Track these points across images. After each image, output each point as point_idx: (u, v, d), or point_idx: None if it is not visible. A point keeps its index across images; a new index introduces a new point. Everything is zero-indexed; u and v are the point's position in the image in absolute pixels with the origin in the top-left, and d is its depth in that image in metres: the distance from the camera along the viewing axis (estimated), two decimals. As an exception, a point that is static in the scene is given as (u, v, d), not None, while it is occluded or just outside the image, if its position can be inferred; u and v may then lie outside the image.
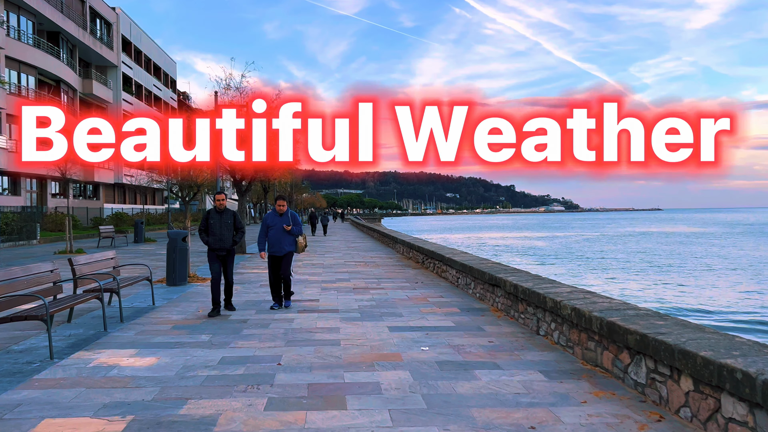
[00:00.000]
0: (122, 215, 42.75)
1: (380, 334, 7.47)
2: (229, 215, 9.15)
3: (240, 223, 9.30)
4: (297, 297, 10.73)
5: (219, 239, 8.99)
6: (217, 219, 9.04)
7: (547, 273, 25.12)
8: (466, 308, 9.44)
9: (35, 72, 36.81)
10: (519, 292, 8.07)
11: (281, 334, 7.48)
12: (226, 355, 6.43)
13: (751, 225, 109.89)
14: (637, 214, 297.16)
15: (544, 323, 7.33)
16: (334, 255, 21.54)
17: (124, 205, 52.31)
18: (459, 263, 11.70)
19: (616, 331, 5.40)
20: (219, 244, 8.99)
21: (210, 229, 9.03)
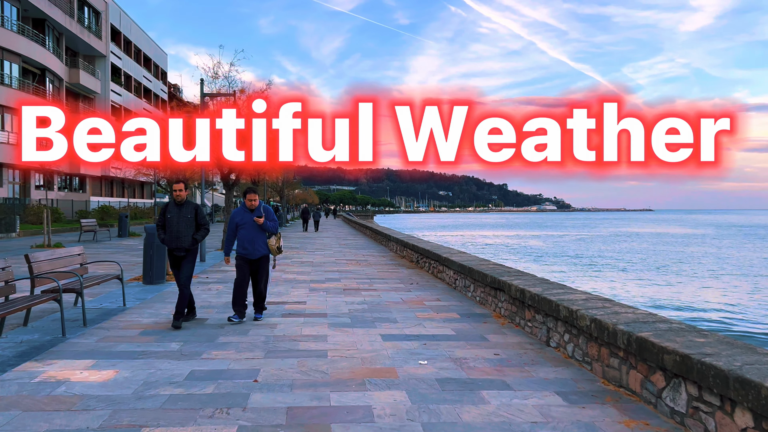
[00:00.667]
0: (108, 208, 41.70)
1: (372, 344, 6.67)
2: (190, 209, 7.83)
3: (203, 219, 7.89)
4: (283, 299, 9.91)
5: (176, 237, 7.68)
6: (175, 213, 7.75)
7: (546, 273, 24.42)
8: (466, 314, 8.66)
9: (19, 60, 35.69)
10: (526, 297, 7.30)
11: (261, 343, 6.67)
12: (196, 368, 5.61)
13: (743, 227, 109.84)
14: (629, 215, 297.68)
15: (555, 334, 6.56)
16: (324, 252, 20.72)
17: (111, 198, 51.22)
18: (457, 264, 10.92)
19: (647, 349, 4.63)
20: (175, 242, 7.68)
21: (167, 225, 7.77)
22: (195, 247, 7.84)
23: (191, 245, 7.78)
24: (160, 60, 65.86)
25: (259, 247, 8.04)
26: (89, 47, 45.91)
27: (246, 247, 8.03)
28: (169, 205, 7.92)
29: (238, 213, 8.13)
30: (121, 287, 9.35)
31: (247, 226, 8.03)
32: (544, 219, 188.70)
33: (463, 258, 11.63)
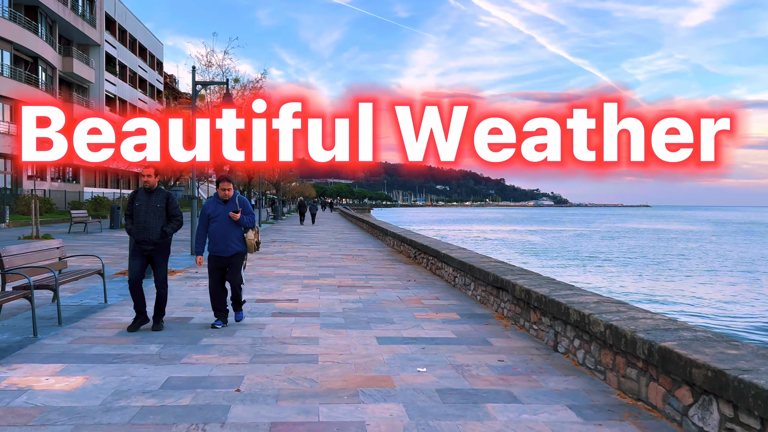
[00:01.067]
0: (101, 200, 41.11)
1: (367, 348, 6.20)
2: (161, 197, 6.96)
3: (175, 210, 7.01)
4: (274, 296, 9.44)
5: (143, 228, 6.84)
6: (143, 201, 6.91)
7: (546, 268, 23.98)
8: (467, 314, 8.19)
9: (11, 47, 35.03)
10: (532, 299, 6.83)
11: (247, 346, 6.19)
12: (174, 374, 5.13)
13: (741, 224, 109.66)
14: (627, 210, 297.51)
15: (564, 338, 6.09)
16: (320, 247, 20.25)
17: (105, 190, 50.61)
18: (457, 261, 10.45)
19: (672, 361, 4.16)
20: (143, 234, 6.84)
21: (134, 214, 6.94)
22: (166, 241, 7.01)
23: (160, 238, 6.91)
24: (156, 50, 65.11)
25: (233, 243, 7.14)
26: (83, 36, 45.22)
27: (218, 243, 7.13)
28: (138, 192, 7.09)
29: (209, 204, 7.24)
30: (103, 283, 8.82)
31: (219, 219, 7.13)
32: (542, 214, 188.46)
33: (463, 254, 11.16)
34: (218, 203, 7.19)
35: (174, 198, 7.15)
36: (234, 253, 7.19)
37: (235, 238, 7.17)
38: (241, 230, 7.24)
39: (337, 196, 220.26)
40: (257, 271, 12.69)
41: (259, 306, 8.51)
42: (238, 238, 7.20)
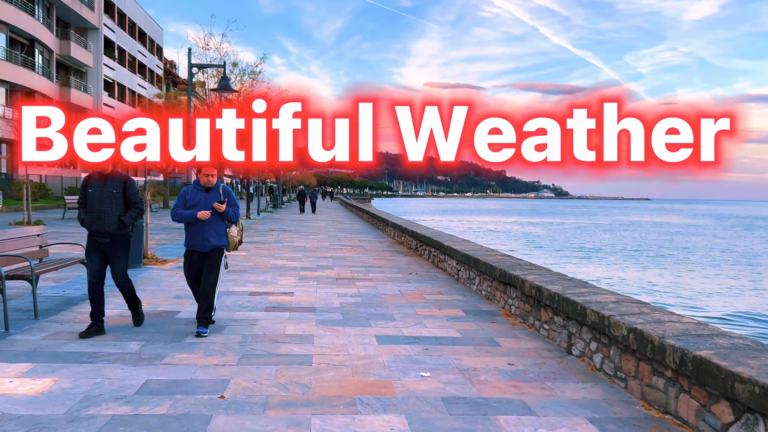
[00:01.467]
0: (99, 186, 40.54)
1: (366, 348, 5.73)
2: (117, 183, 6.07)
3: (134, 196, 6.16)
4: (269, 288, 8.96)
5: (97, 217, 5.99)
6: (97, 187, 6.03)
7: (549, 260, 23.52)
8: (472, 311, 7.72)
9: (6, 29, 34.39)
10: (544, 296, 6.35)
11: (236, 344, 5.72)
12: (153, 377, 4.66)
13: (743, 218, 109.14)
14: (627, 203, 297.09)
15: (579, 341, 5.62)
16: (319, 237, 19.77)
17: (103, 176, 50.03)
18: (461, 254, 9.97)
19: (709, 373, 3.69)
20: (97, 225, 5.99)
21: (87, 202, 6.10)
22: (124, 232, 6.12)
23: (117, 229, 6.03)
24: (156, 35, 64.34)
25: (213, 237, 6.24)
26: (81, 18, 44.52)
27: (194, 236, 6.24)
28: (91, 177, 6.19)
29: (188, 191, 6.35)
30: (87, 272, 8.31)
31: (199, 209, 6.18)
32: (543, 206, 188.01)
33: (467, 247, 10.68)
34: (198, 191, 6.31)
35: (133, 183, 6.29)
36: (212, 248, 6.27)
37: (215, 232, 6.26)
38: (224, 223, 6.36)
39: (337, 186, 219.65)
40: (252, 261, 12.22)
41: (252, 299, 8.04)
42: (219, 231, 6.29)
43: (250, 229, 22.41)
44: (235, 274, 10.25)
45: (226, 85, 15.11)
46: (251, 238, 18.24)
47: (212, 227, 6.26)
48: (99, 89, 48.15)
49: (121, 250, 6.17)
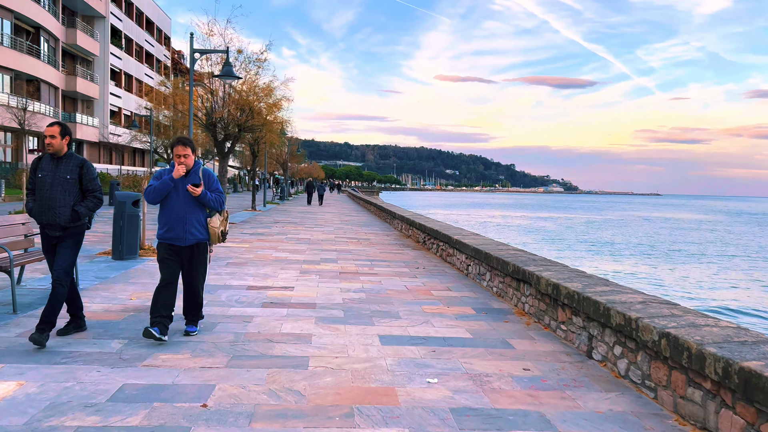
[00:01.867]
0: (103, 176, 40.29)
1: (368, 349, 5.27)
2: (72, 165, 5.17)
3: (92, 183, 5.27)
4: (268, 282, 8.51)
5: (47, 207, 5.12)
6: (49, 171, 5.15)
7: (564, 257, 22.98)
8: (482, 308, 7.24)
9: (11, 16, 34.02)
10: (561, 295, 5.86)
11: (227, 344, 5.27)
12: (131, 381, 4.21)
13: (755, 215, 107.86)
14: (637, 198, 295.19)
15: (601, 344, 5.13)
16: (324, 229, 19.32)
17: (109, 166, 49.82)
18: (471, 248, 9.47)
19: (760, 388, 3.20)
20: (46, 216, 5.13)
21: (36, 188, 5.23)
22: (78, 225, 5.25)
23: (70, 221, 5.15)
24: (164, 24, 63.92)
25: (194, 228, 5.43)
26: (88, 6, 44.13)
27: (173, 228, 5.40)
28: (42, 159, 5.30)
29: (164, 174, 5.51)
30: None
31: (175, 194, 5.39)
32: (552, 200, 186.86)
33: (478, 241, 10.18)
34: (177, 165, 5.45)
35: (91, 167, 5.35)
36: (194, 242, 5.46)
37: (197, 223, 5.46)
38: (205, 213, 5.55)
39: (345, 179, 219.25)
40: (254, 254, 11.78)
41: (249, 294, 7.59)
42: (200, 223, 5.49)
43: (254, 220, 22.00)
44: (234, 267, 9.81)
45: (229, 71, 14.62)
46: (255, 229, 17.81)
47: (193, 218, 5.44)
48: (105, 78, 47.80)
49: (71, 242, 5.23)
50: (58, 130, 5.18)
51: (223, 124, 18.81)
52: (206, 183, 5.50)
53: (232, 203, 34.90)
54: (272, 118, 21.81)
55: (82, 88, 43.85)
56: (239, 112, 18.90)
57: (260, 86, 18.95)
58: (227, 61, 14.67)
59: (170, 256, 5.40)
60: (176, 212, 5.40)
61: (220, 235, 5.61)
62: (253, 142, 26.52)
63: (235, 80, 15.96)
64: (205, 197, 5.43)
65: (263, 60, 18.58)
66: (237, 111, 18.96)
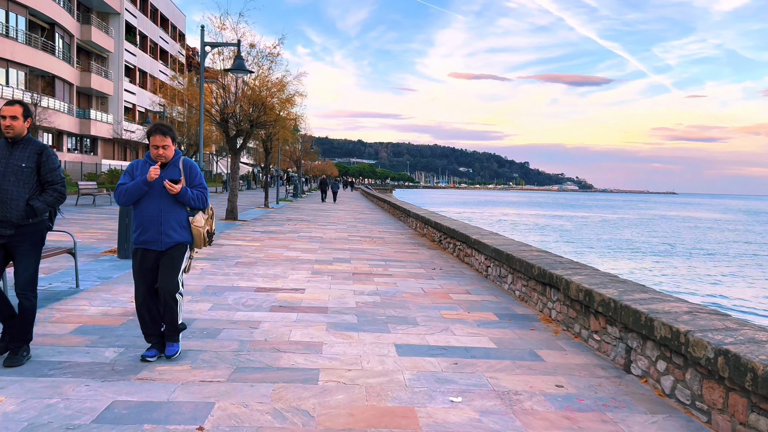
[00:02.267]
0: (118, 172, 40.21)
1: (383, 360, 4.82)
2: (30, 151, 4.42)
3: (52, 174, 4.51)
4: (278, 284, 8.09)
5: None
6: (2, 158, 4.37)
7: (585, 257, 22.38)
8: (505, 314, 6.77)
9: (26, 12, 33.95)
10: (595, 302, 5.37)
11: (231, 353, 4.84)
12: (121, 397, 3.80)
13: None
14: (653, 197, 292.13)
15: (641, 358, 4.65)
16: (337, 227, 18.90)
17: (124, 162, 49.79)
18: (491, 248, 8.99)
19: None
20: None
21: None
22: (35, 223, 4.48)
23: (25, 218, 4.37)
24: (179, 21, 63.85)
25: (171, 229, 4.63)
26: (103, 3, 44.04)
27: (147, 229, 4.61)
28: None
29: (137, 167, 4.72)
30: (75, 264, 7.51)
31: (152, 192, 4.61)
32: (567, 198, 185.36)
33: (498, 241, 9.69)
34: (151, 166, 4.64)
35: (52, 154, 4.57)
36: (172, 245, 4.66)
37: (175, 223, 4.66)
38: (185, 212, 4.74)
39: (359, 176, 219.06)
40: (264, 253, 11.37)
41: (257, 297, 7.17)
42: (180, 223, 4.69)
43: (267, 218, 21.64)
44: (243, 267, 9.41)
45: (240, 65, 14.24)
46: (267, 227, 17.43)
47: (171, 217, 4.63)
48: (120, 75, 47.74)
49: (29, 246, 4.44)
50: (21, 111, 4.43)
51: (235, 119, 18.44)
52: (187, 177, 4.73)
53: (245, 200, 34.62)
54: (285, 114, 21.41)
55: (97, 84, 43.78)
56: (251, 107, 18.52)
57: (272, 81, 18.52)
58: (239, 54, 14.28)
59: (147, 265, 4.62)
60: (149, 211, 4.60)
61: (205, 236, 4.82)
62: (266, 139, 26.16)
63: (246, 74, 15.58)
64: (185, 195, 4.62)
65: (276, 54, 18.17)
66: (249, 106, 18.58)
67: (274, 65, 18.02)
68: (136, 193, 4.56)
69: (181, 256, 4.70)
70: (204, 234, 4.80)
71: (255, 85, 18.77)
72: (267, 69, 18.81)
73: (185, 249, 4.74)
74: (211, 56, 18.77)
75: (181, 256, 4.70)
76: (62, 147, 40.75)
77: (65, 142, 41.65)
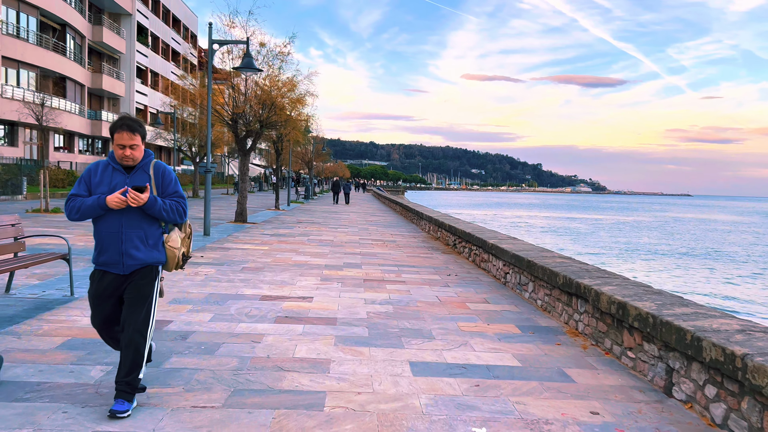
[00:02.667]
0: (129, 174, 40.04)
1: (397, 382, 4.35)
2: None
3: None
4: (285, 292, 7.65)
5: None
6: None
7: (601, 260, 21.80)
8: (528, 326, 6.28)
9: (37, 13, 33.85)
10: (629, 316, 4.88)
11: (229, 373, 4.40)
12: (100, 428, 3.36)
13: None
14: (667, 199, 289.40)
15: (685, 380, 4.15)
16: (348, 230, 18.46)
17: (135, 164, 49.64)
18: (510, 254, 8.50)
19: None
20: None
21: None
22: None
23: None
24: (191, 22, 63.81)
25: (133, 248, 3.68)
26: (114, 4, 43.97)
27: (106, 248, 3.68)
28: None
29: (96, 171, 3.74)
30: (69, 270, 7.10)
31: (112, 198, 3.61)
32: (580, 201, 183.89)
33: (517, 246, 9.20)
34: (115, 170, 3.72)
35: None
36: (136, 267, 3.71)
37: (138, 241, 3.68)
38: (157, 227, 3.80)
39: (371, 178, 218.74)
40: (272, 257, 10.95)
41: (262, 306, 6.74)
42: (149, 240, 3.74)
43: (277, 220, 21.25)
44: (249, 272, 8.99)
45: (249, 63, 13.84)
46: (276, 230, 17.02)
47: (134, 235, 3.68)
48: (131, 76, 47.66)
49: None
50: None
51: (245, 120, 18.06)
52: (159, 185, 3.78)
53: (256, 202, 34.29)
54: (296, 115, 21.02)
55: (108, 85, 43.70)
56: (261, 107, 18.13)
57: (283, 81, 18.13)
58: (247, 52, 13.89)
59: (105, 291, 3.71)
60: (110, 225, 3.65)
61: (180, 260, 3.91)
62: (277, 140, 25.78)
63: (255, 73, 15.19)
64: (153, 206, 3.64)
65: (286, 53, 17.76)
66: (259, 106, 18.20)
67: (284, 65, 17.61)
68: (91, 215, 3.62)
69: (150, 284, 3.75)
70: (179, 257, 3.89)
71: (265, 85, 18.40)
72: (277, 69, 18.44)
73: (155, 273, 3.78)
74: (220, 55, 18.43)
75: (151, 283, 3.75)
76: (73, 148, 40.68)
77: (76, 143, 41.57)
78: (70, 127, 37.46)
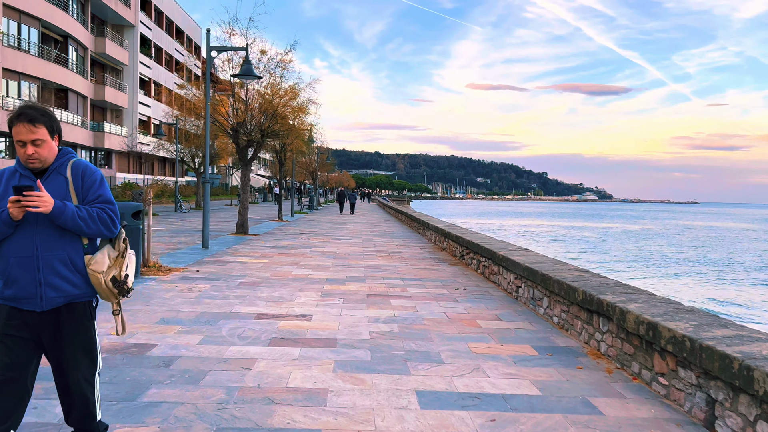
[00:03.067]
0: (132, 185, 39.75)
1: (403, 417, 3.85)
2: None
3: None
4: (282, 309, 7.15)
5: None
6: None
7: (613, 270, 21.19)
8: (545, 347, 5.77)
9: (38, 24, 33.63)
10: (661, 338, 4.36)
11: (212, 407, 3.90)
12: (56, 480, 2.87)
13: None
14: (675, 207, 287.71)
15: (731, 414, 3.63)
16: (352, 241, 17.96)
17: (138, 175, 49.42)
18: (522, 267, 8.00)
19: None
20: None
21: None
22: None
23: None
24: (194, 33, 63.74)
25: (55, 276, 2.73)
26: (117, 15, 43.82)
27: (15, 279, 2.70)
28: None
29: (1, 180, 2.78)
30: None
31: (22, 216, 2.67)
32: (587, 209, 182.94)
33: (529, 258, 8.68)
34: (22, 176, 2.78)
35: None
36: (60, 303, 2.77)
37: (61, 265, 2.75)
38: (79, 245, 2.81)
39: (376, 187, 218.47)
40: (271, 271, 10.46)
41: (257, 326, 6.24)
42: (71, 265, 2.78)
43: (279, 231, 20.78)
44: (246, 288, 8.51)
45: (248, 70, 13.43)
46: (278, 242, 16.53)
47: (57, 255, 2.74)
48: (134, 87, 47.47)
49: None
50: None
51: (246, 129, 17.65)
52: (79, 188, 2.83)
53: (259, 213, 33.86)
54: (298, 123, 20.60)
55: (111, 97, 43.48)
56: (262, 116, 17.73)
57: (284, 89, 17.72)
58: (247, 59, 13.48)
59: (15, 332, 2.71)
60: (19, 248, 2.71)
61: (109, 286, 2.82)
62: (279, 149, 25.38)
63: (255, 80, 14.79)
64: (61, 215, 2.68)
65: (288, 61, 17.36)
66: (260, 115, 17.79)
67: (285, 72, 17.20)
68: None
69: (86, 323, 2.84)
70: (106, 283, 2.79)
71: (266, 93, 18.00)
72: (279, 77, 18.04)
73: (88, 310, 2.86)
74: (221, 64, 18.06)
75: (87, 322, 2.85)
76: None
77: (79, 155, 41.32)
78: (72, 139, 37.19)
